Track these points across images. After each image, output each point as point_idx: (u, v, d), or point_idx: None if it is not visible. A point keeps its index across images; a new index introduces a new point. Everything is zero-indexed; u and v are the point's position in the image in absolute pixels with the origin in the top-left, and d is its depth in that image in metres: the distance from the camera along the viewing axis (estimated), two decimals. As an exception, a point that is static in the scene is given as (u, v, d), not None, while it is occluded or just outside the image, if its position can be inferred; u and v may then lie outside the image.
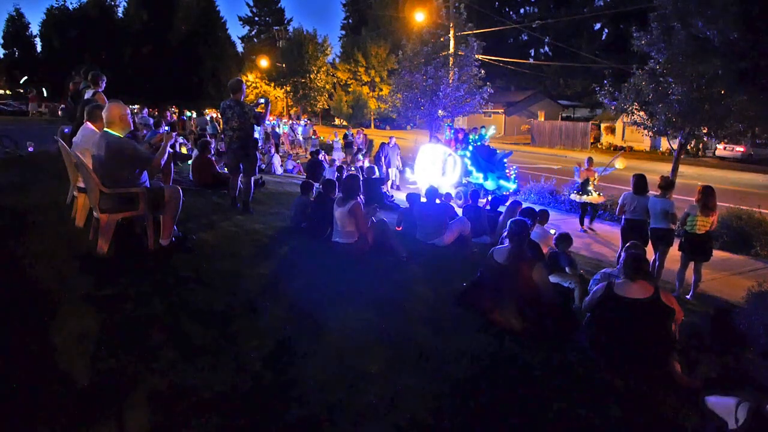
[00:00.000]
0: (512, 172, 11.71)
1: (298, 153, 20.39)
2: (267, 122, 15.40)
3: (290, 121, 25.80)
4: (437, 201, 6.72)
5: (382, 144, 14.26)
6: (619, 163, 10.32)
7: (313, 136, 22.31)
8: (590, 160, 10.32)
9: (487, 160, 11.47)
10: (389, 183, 13.60)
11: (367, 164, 13.71)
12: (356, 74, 41.82)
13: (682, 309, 3.70)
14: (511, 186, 11.48)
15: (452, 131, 12.86)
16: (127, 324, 3.06)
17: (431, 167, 11.96)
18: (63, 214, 5.01)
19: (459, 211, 7.61)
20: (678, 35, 10.17)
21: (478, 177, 11.25)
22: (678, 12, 9.99)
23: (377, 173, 11.17)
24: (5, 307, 3.13)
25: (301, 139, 22.56)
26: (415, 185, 12.53)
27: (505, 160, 11.68)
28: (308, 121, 30.79)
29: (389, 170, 13.81)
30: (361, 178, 9.72)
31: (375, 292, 4.13)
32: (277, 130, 22.21)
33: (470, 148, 11.62)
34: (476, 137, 11.94)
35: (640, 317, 3.40)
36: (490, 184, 11.12)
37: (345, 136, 18.67)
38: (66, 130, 6.15)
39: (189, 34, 28.88)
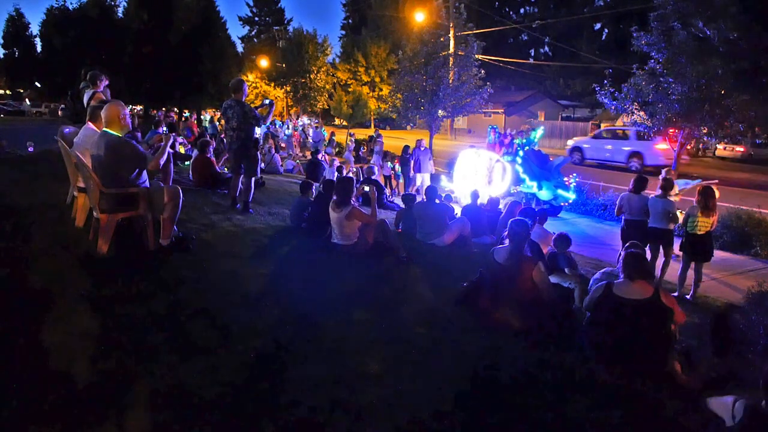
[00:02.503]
0: (572, 180, 10.56)
1: (306, 155, 19.80)
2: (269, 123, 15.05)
3: (302, 123, 24.67)
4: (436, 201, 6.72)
5: (406, 147, 13.25)
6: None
7: (333, 138, 21.17)
8: (669, 172, 8.63)
9: (540, 166, 10.38)
10: (415, 189, 12.49)
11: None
12: (356, 74, 41.73)
13: (682, 309, 3.70)
14: (570, 196, 10.31)
15: (496, 134, 11.59)
16: (127, 324, 3.06)
17: (474, 175, 10.74)
18: (63, 214, 5.01)
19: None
20: (678, 35, 10.18)
21: (531, 186, 10.20)
22: (678, 12, 10.01)
23: (376, 173, 11.06)
24: (5, 306, 3.13)
25: (312, 142, 21.28)
26: (452, 194, 10.99)
27: (561, 168, 10.57)
28: (318, 122, 30.27)
29: (419, 176, 12.75)
30: (361, 178, 9.72)
31: (375, 292, 4.13)
32: (286, 131, 21.40)
33: (520, 153, 10.48)
34: (523, 141, 10.83)
35: (640, 318, 3.39)
36: (545, 194, 10.08)
37: (370, 140, 16.67)
38: (66, 130, 6.13)
39: (189, 34, 28.85)
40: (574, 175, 10.92)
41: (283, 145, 18.68)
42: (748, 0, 8.10)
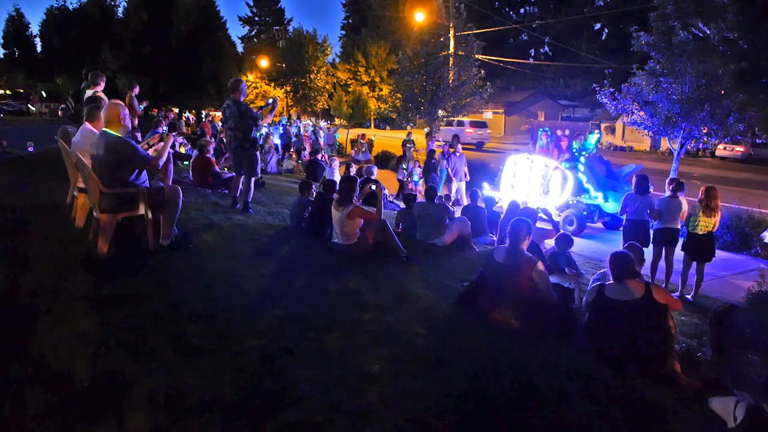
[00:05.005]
0: None
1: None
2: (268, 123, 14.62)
3: (311, 125, 23.84)
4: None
5: (431, 152, 12.51)
6: None
7: (362, 141, 19.52)
8: None
9: (607, 175, 9.69)
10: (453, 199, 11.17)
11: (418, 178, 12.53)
12: (356, 74, 41.74)
13: (678, 302, 3.69)
14: None
15: (549, 138, 10.65)
16: (127, 324, 3.05)
17: (526, 184, 9.75)
18: (63, 214, 5.00)
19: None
20: (678, 35, 10.19)
21: (596, 196, 9.41)
22: (678, 12, 10.01)
23: (375, 173, 10.94)
24: (5, 307, 3.12)
25: (323, 144, 19.88)
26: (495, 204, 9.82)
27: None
28: (331, 124, 29.84)
29: (455, 183, 11.68)
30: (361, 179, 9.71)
31: (375, 292, 4.13)
32: (301, 132, 20.75)
33: (582, 159, 9.70)
34: (580, 146, 10.11)
35: (634, 318, 3.37)
36: (611, 206, 9.25)
37: (403, 143, 15.23)
38: (67, 130, 6.14)
39: (189, 35, 28.84)
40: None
41: (288, 155, 17.43)
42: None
